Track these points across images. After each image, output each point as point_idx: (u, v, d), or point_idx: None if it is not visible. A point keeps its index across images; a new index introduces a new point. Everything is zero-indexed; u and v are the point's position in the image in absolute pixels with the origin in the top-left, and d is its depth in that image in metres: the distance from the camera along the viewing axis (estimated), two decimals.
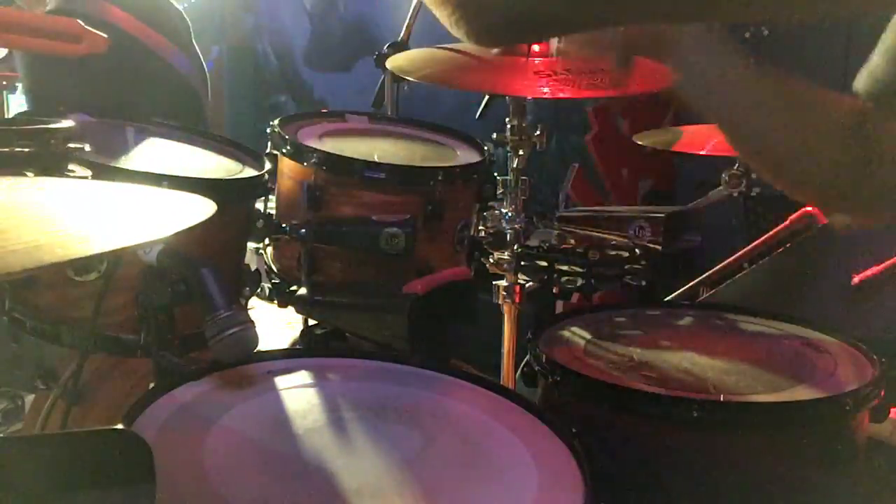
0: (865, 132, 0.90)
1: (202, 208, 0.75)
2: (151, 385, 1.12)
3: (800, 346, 1.43)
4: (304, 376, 1.17)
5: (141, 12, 2.37)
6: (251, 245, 1.59)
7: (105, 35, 1.52)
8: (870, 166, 0.90)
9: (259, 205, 1.56)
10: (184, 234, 0.70)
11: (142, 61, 2.33)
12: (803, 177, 0.96)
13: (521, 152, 1.73)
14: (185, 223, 0.69)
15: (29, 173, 1.14)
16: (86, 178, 1.21)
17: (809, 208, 2.37)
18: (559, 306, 2.24)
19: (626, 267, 1.61)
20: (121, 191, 0.91)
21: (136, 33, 2.31)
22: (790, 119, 0.93)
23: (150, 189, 0.94)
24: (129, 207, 0.81)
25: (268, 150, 1.61)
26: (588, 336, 1.46)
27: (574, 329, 1.50)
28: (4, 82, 2.78)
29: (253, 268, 1.51)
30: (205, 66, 2.65)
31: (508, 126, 1.73)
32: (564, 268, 1.63)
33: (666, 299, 2.26)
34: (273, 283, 1.59)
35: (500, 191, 1.72)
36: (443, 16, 0.71)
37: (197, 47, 2.64)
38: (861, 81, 0.91)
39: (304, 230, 1.47)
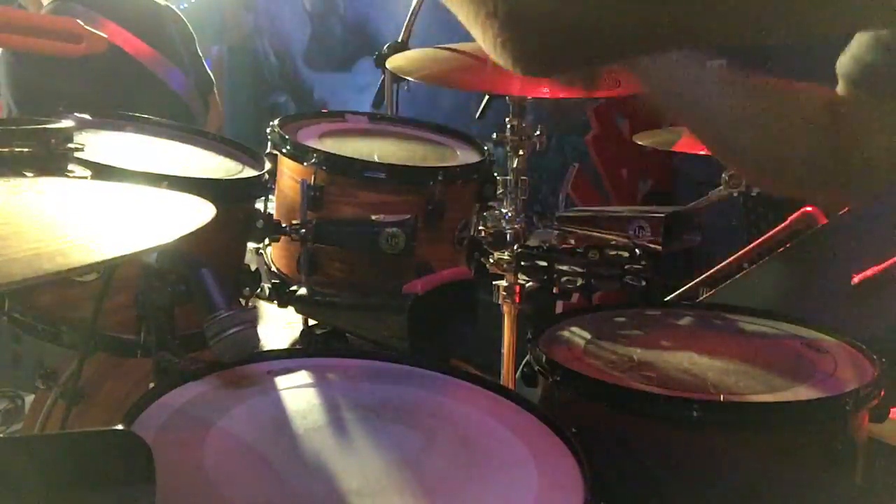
0: (839, 120, 0.91)
1: (202, 211, 0.75)
2: (151, 385, 1.12)
3: (800, 346, 1.43)
4: (304, 376, 1.17)
5: (136, 26, 2.37)
6: (251, 245, 1.59)
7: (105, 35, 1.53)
8: (845, 153, 0.90)
9: (259, 205, 1.56)
10: (183, 235, 0.70)
11: (128, 73, 2.34)
12: (780, 171, 0.96)
13: (521, 152, 1.73)
14: (185, 228, 0.69)
15: (29, 173, 1.14)
16: (85, 178, 1.20)
17: (809, 208, 2.37)
18: (559, 306, 2.24)
19: (626, 267, 1.61)
20: (120, 193, 0.91)
21: (126, 46, 2.32)
22: (762, 116, 0.93)
23: (149, 190, 0.94)
24: (128, 211, 0.81)
25: (268, 150, 1.61)
26: (588, 336, 1.46)
27: (574, 329, 1.50)
28: None
29: (253, 268, 1.51)
30: (211, 77, 2.66)
31: (508, 126, 1.73)
32: (564, 268, 1.63)
33: (666, 299, 2.26)
34: (273, 283, 1.59)
35: (500, 191, 1.72)
36: (484, 38, 0.59)
37: (204, 62, 2.64)
38: (844, 66, 0.91)
39: (304, 230, 1.47)
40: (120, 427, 0.91)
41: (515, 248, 1.69)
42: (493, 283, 1.73)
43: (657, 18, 0.57)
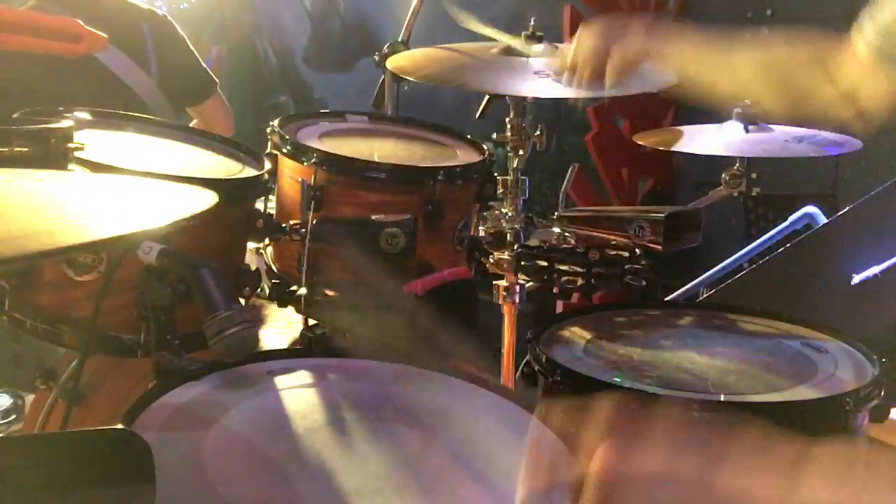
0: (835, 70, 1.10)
1: (203, 199, 0.75)
2: (151, 385, 1.12)
3: (800, 346, 1.43)
4: (304, 376, 1.17)
5: (103, 25, 2.36)
6: (251, 245, 1.59)
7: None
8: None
9: (259, 205, 1.55)
10: (183, 233, 0.69)
11: (92, 74, 2.33)
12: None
13: (521, 152, 1.73)
14: (184, 212, 0.68)
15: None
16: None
17: (809, 208, 2.38)
18: (559, 306, 2.24)
19: (626, 267, 1.61)
20: (121, 183, 0.90)
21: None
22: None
23: (150, 181, 0.93)
24: (128, 198, 0.80)
25: (268, 150, 1.61)
26: (588, 336, 1.46)
27: (574, 329, 1.50)
28: None
29: (253, 268, 1.51)
30: (212, 79, 2.63)
31: (508, 126, 1.74)
32: (564, 268, 1.63)
33: (666, 299, 2.26)
34: (273, 283, 1.59)
35: (500, 191, 1.72)
36: None
37: (201, 66, 2.62)
38: (869, 35, 1.06)
39: (304, 230, 1.47)
40: (120, 427, 0.91)
41: (515, 248, 1.69)
42: (493, 283, 1.73)
43: None
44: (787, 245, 2.15)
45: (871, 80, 1.05)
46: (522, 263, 1.67)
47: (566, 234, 1.75)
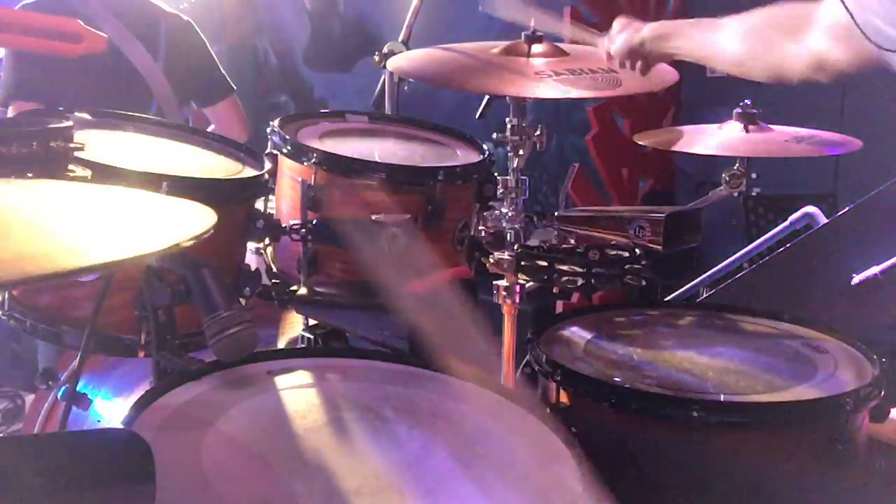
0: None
1: (200, 219, 0.74)
2: (151, 385, 1.12)
3: (800, 346, 1.43)
4: (303, 376, 1.17)
5: (126, 14, 2.37)
6: (251, 245, 1.59)
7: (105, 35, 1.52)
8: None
9: (259, 205, 1.55)
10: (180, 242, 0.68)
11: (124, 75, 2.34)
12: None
13: (521, 152, 1.72)
14: (181, 235, 0.67)
15: (29, 174, 1.14)
16: (86, 178, 1.20)
17: (809, 208, 2.38)
18: (559, 306, 2.24)
19: (626, 267, 1.61)
20: (118, 196, 0.90)
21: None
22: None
23: (148, 195, 0.93)
24: (125, 215, 0.80)
25: (268, 150, 1.61)
26: (588, 336, 1.47)
27: (574, 329, 1.50)
28: None
29: (253, 268, 1.51)
30: (225, 86, 2.65)
31: (508, 126, 1.73)
32: (564, 268, 1.62)
33: (666, 299, 2.26)
34: (273, 283, 1.59)
35: (500, 191, 1.72)
36: None
37: (214, 71, 2.63)
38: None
39: (304, 230, 1.47)
40: (120, 427, 0.91)
41: (515, 248, 1.69)
42: (493, 283, 1.73)
43: None
44: (787, 245, 2.15)
45: (836, 45, 1.16)
46: (522, 263, 1.67)
47: (566, 234, 1.75)
